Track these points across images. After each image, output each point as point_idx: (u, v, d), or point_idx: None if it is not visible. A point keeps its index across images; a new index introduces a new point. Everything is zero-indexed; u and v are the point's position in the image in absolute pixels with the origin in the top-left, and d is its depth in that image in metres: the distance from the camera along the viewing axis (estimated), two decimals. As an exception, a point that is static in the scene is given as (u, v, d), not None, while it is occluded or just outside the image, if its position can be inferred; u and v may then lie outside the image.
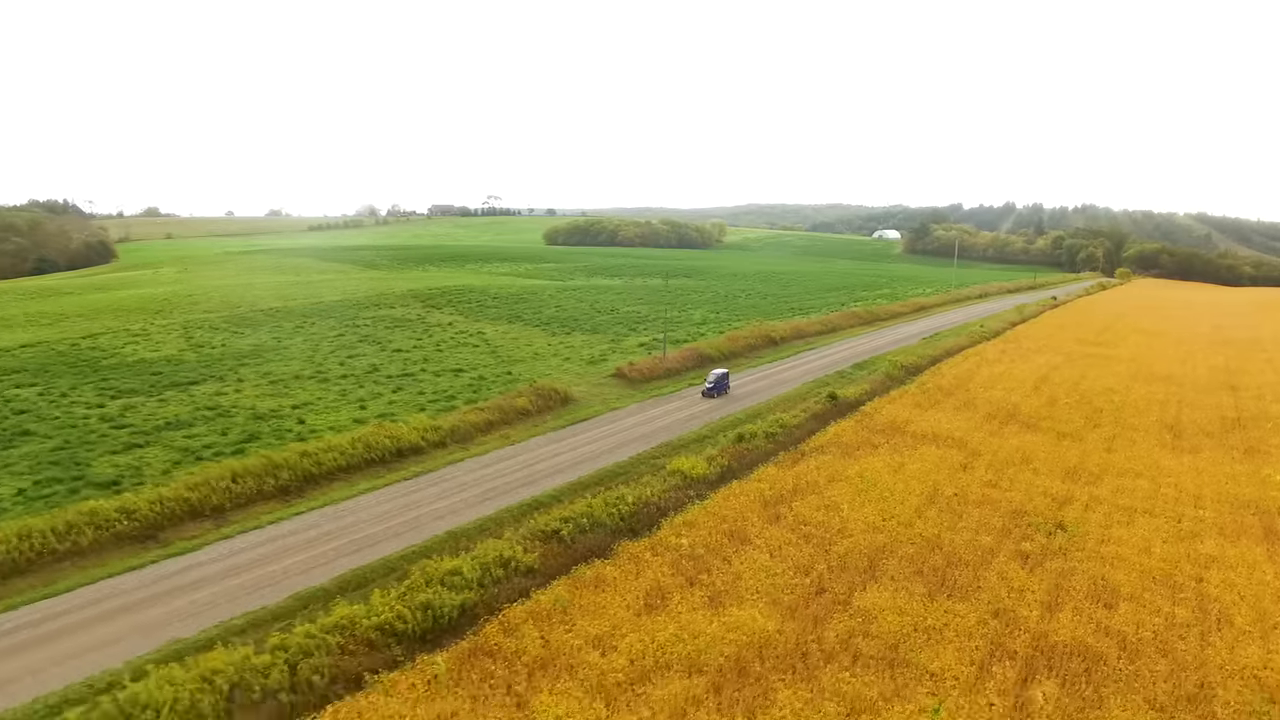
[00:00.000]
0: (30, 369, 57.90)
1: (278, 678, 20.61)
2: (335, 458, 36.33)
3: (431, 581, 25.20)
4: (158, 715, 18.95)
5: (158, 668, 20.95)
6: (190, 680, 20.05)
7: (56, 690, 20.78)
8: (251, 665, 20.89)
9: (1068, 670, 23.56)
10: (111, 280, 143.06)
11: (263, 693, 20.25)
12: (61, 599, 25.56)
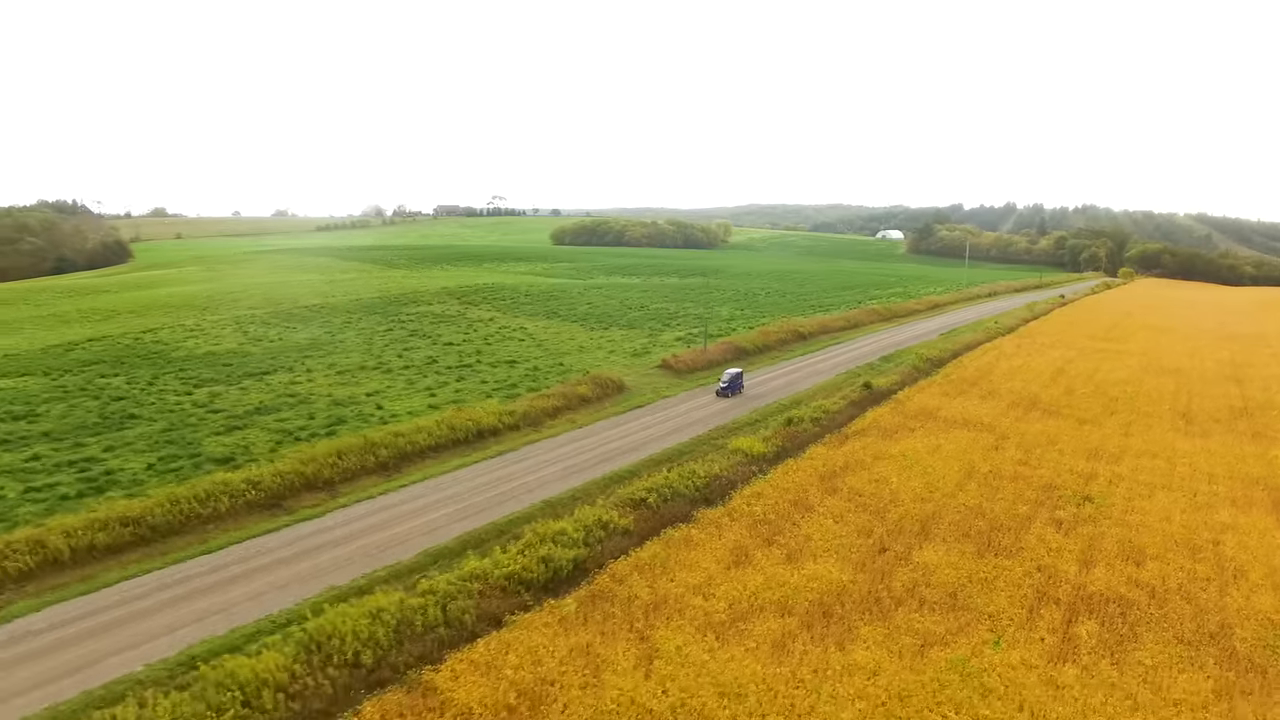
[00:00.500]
0: (107, 360, 61.40)
1: (434, 615, 24.08)
2: (424, 438, 39.83)
3: (544, 540, 28.66)
4: (343, 641, 22.40)
5: (332, 605, 24.48)
6: (362, 615, 23.51)
7: (248, 624, 24.26)
8: (409, 605, 24.37)
9: (1105, 613, 27.03)
10: (142, 279, 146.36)
11: (423, 626, 23.72)
12: (219, 555, 29.01)
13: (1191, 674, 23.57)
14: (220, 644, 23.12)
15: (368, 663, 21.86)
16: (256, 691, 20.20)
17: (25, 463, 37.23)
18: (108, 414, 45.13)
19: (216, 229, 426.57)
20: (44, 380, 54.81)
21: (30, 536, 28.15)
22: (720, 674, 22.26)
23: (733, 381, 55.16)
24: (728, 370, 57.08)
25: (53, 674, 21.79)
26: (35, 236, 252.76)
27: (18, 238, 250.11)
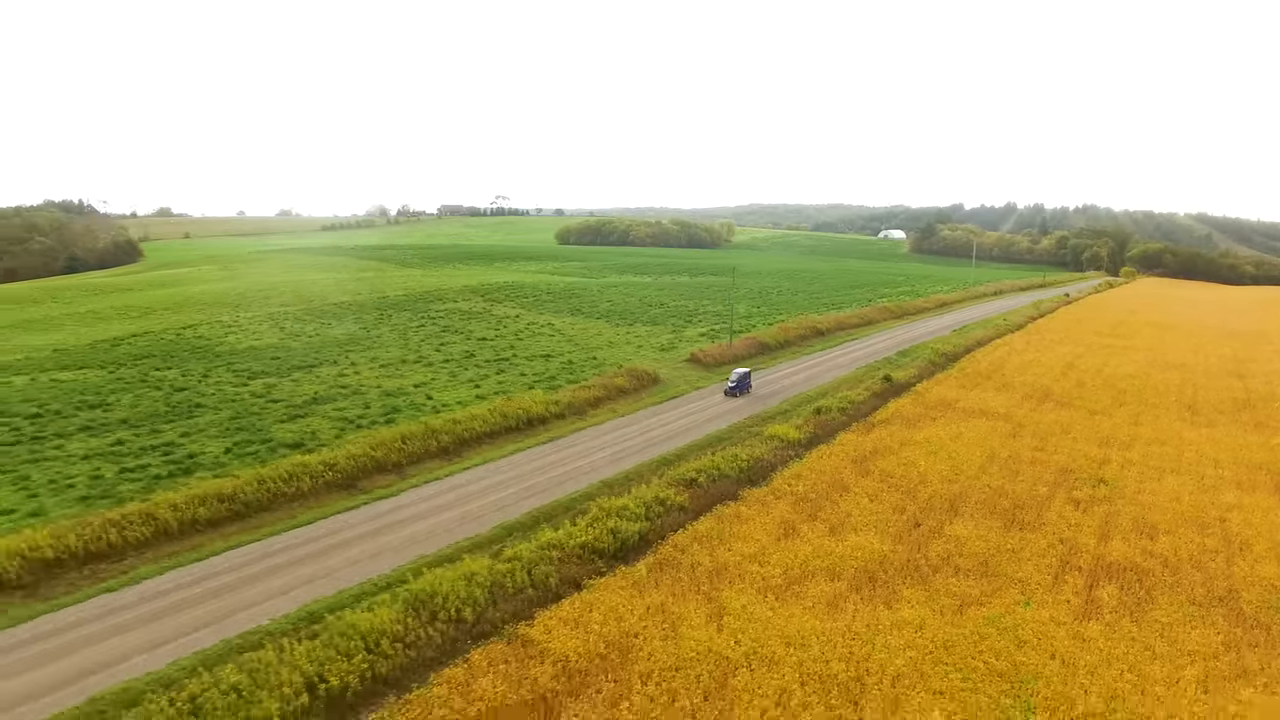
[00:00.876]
0: (157, 355, 64.00)
1: (521, 578, 26.70)
2: (480, 425, 42.48)
3: (609, 515, 31.30)
4: (445, 600, 25.01)
5: (428, 570, 27.12)
6: (458, 578, 26.13)
7: (352, 587, 26.89)
8: (498, 569, 27.02)
9: (1124, 580, 29.67)
10: (165, 277, 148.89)
11: (513, 588, 26.35)
12: (308, 529, 31.65)
13: (1203, 630, 26.21)
14: (332, 603, 25.76)
15: (469, 619, 24.49)
16: (376, 640, 22.81)
17: (111, 447, 39.87)
18: (174, 403, 47.76)
19: (223, 228, 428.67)
20: (102, 373, 57.43)
21: (141, 510, 30.78)
22: (784, 627, 24.91)
23: (740, 381, 55.27)
24: (735, 370, 57.31)
25: (190, 627, 24.42)
26: (45, 236, 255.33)
27: (27, 237, 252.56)
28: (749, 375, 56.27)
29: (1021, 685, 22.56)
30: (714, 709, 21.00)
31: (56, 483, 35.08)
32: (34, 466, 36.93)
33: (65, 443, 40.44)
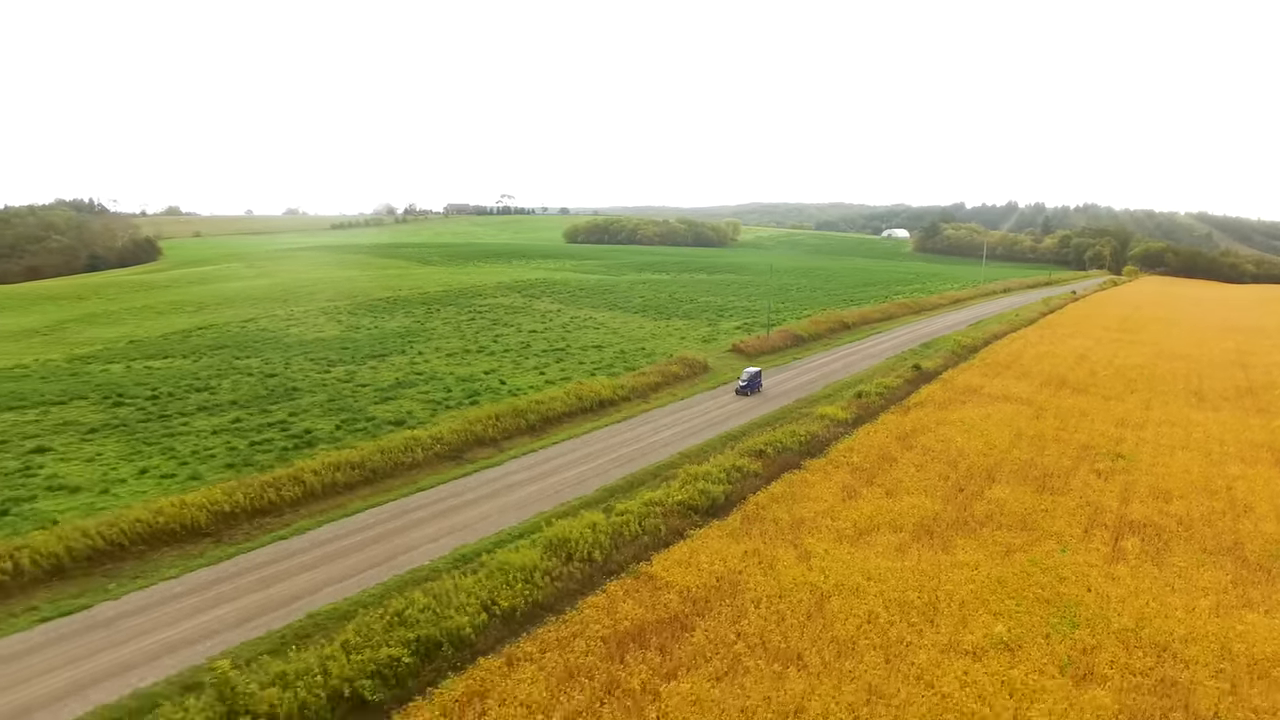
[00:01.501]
0: (231, 345, 68.54)
1: (634, 528, 31.32)
2: (559, 406, 47.12)
3: (696, 479, 35.94)
4: (576, 544, 29.59)
5: (556, 520, 31.74)
6: (583, 527, 30.73)
7: (490, 536, 31.50)
8: (613, 521, 31.63)
9: (1144, 534, 34.30)
10: (198, 274, 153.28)
11: (629, 536, 30.96)
12: (431, 492, 36.26)
13: (1213, 571, 30.85)
14: (477, 548, 30.37)
15: (599, 559, 29.09)
16: (529, 574, 27.38)
17: (232, 424, 44.47)
18: (271, 388, 52.36)
19: (233, 227, 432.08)
20: (187, 361, 61.98)
21: (289, 474, 35.39)
22: (862, 566, 29.56)
23: (751, 380, 55.90)
24: (746, 369, 57.96)
25: (363, 566, 29.02)
26: (62, 235, 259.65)
27: (45, 236, 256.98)
28: (760, 375, 57.14)
29: (1065, 609, 27.20)
30: (816, 626, 25.63)
31: (199, 453, 39.70)
32: (174, 440, 41.53)
33: (190, 420, 45.06)
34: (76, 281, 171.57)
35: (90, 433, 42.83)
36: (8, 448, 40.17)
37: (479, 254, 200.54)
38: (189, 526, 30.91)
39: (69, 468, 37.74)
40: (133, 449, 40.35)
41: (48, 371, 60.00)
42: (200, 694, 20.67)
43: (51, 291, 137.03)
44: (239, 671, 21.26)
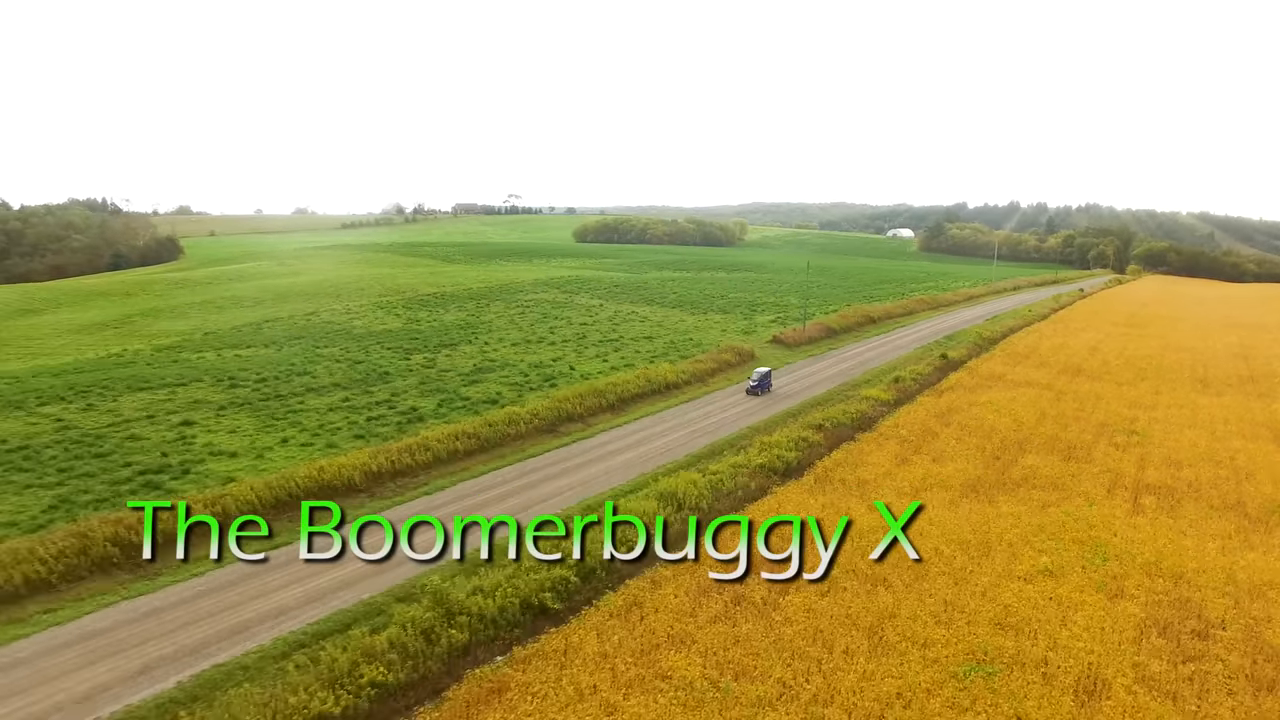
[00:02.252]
0: (305, 337, 73.99)
1: (727, 484, 36.76)
2: (631, 388, 52.62)
3: (768, 447, 41.36)
4: (683, 496, 34.99)
5: (659, 478, 37.17)
6: (686, 482, 36.13)
7: (605, 491, 36.93)
8: (707, 479, 37.03)
9: (1159, 493, 39.71)
10: (235, 272, 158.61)
11: (723, 490, 36.39)
12: (539, 459, 41.70)
13: (1219, 522, 36.27)
14: (597, 500, 35.74)
15: (704, 508, 34.48)
16: (651, 517, 32.73)
17: (342, 403, 49.92)
18: (364, 373, 57.79)
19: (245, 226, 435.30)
20: (270, 351, 67.38)
21: (417, 442, 40.81)
22: (922, 515, 34.95)
23: (761, 380, 56.98)
24: (756, 369, 59.03)
25: (509, 511, 34.41)
26: (82, 234, 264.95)
27: (65, 235, 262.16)
28: (769, 374, 58.25)
29: (1096, 548, 32.61)
30: (893, 557, 30.96)
31: (325, 426, 45.17)
32: (298, 415, 47.02)
33: (303, 399, 50.54)
34: (114, 278, 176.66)
35: (221, 410, 48.31)
36: (157, 421, 45.64)
37: (498, 253, 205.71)
38: (346, 484, 36.33)
39: (217, 438, 43.21)
40: (264, 423, 45.81)
41: (147, 359, 65.47)
42: (418, 601, 26.09)
43: (97, 288, 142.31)
44: (446, 585, 26.67)
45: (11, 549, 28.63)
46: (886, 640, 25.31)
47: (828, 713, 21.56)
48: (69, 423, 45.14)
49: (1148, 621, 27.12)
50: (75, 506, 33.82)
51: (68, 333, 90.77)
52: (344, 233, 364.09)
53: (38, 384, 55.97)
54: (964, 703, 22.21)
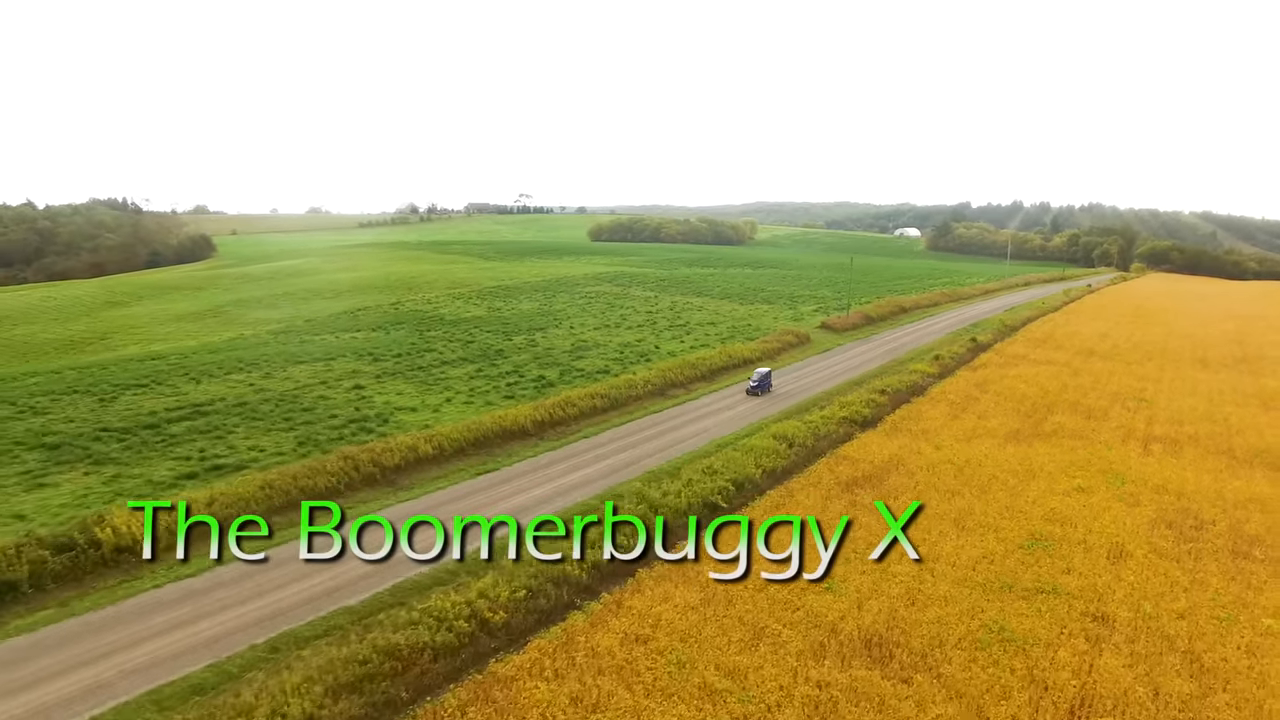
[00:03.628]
0: (405, 322, 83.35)
1: (824, 429, 46.20)
2: (717, 362, 62.24)
3: (846, 405, 50.86)
4: (793, 436, 44.35)
5: (769, 424, 46.60)
6: (792, 426, 45.56)
7: (727, 435, 46.33)
8: (808, 424, 46.46)
9: (1165, 442, 49.12)
10: (289, 269, 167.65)
11: (823, 434, 45.81)
12: (660, 414, 51.08)
13: (1213, 461, 45.69)
14: (725, 440, 45.11)
15: (809, 445, 43.93)
16: (772, 451, 42.10)
17: (478, 372, 59.33)
18: (479, 351, 67.20)
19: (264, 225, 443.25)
20: (380, 334, 76.72)
21: (561, 399, 50.26)
22: (978, 453, 44.44)
23: (762, 380, 57.58)
24: (757, 370, 59.58)
25: (654, 450, 43.80)
26: (112, 232, 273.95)
27: (97, 234, 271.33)
28: (770, 374, 58.74)
29: (1115, 476, 42.00)
30: (961, 479, 40.46)
31: (475, 391, 54.59)
32: (446, 382, 56.43)
33: (444, 370, 59.95)
34: (177, 274, 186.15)
35: (378, 378, 57.77)
36: (331, 386, 55.06)
37: (528, 250, 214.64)
38: (520, 429, 45.75)
39: (389, 398, 52.63)
40: (421, 388, 55.26)
41: (271, 341, 74.83)
42: (623, 500, 35.48)
43: (167, 283, 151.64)
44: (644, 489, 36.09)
45: (291, 470, 37.91)
46: (967, 527, 34.73)
47: (938, 566, 30.91)
48: (261, 387, 54.63)
49: (1157, 519, 36.52)
50: (316, 444, 43.20)
51: (169, 322, 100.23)
52: (363, 232, 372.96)
53: (198, 360, 65.40)
54: (1029, 561, 31.61)
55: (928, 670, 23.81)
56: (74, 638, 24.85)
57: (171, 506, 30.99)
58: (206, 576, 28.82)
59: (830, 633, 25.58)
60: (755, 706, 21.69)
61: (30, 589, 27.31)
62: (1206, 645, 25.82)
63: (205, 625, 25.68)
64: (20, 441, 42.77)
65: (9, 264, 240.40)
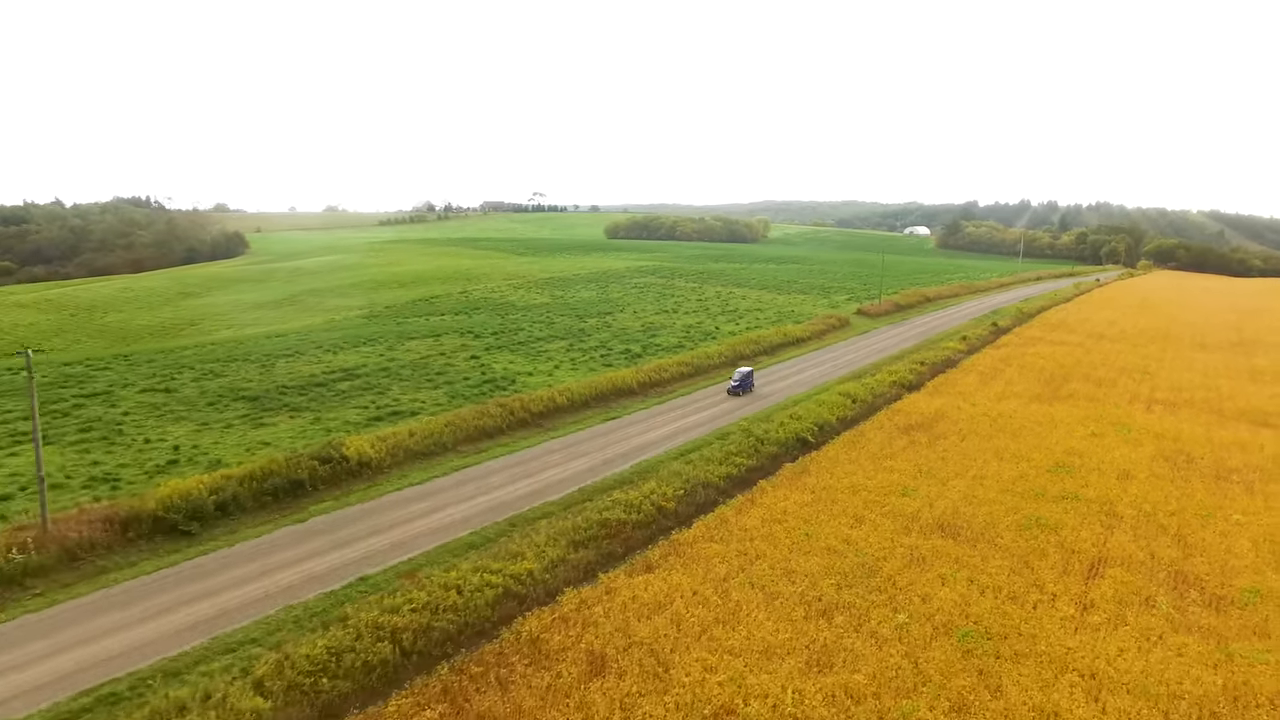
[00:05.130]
0: (482, 308, 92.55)
1: (880, 390, 55.36)
2: (774, 339, 71.50)
3: (893, 373, 60.00)
4: (855, 394, 53.51)
5: (832, 386, 55.76)
6: (856, 385, 54.68)
7: (801, 392, 55.44)
8: (863, 386, 55.58)
9: (1165, 404, 58.14)
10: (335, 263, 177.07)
11: (877, 392, 54.92)
12: (701, 394, 60.07)
13: (1205, 418, 54.70)
14: (800, 396, 54.27)
15: (869, 400, 53.07)
16: (840, 404, 51.20)
17: (571, 347, 68.45)
18: (563, 330, 76.32)
19: (286, 223, 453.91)
20: (462, 318, 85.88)
21: (656, 365, 59.51)
22: (1008, 409, 53.53)
23: (743, 380, 56.22)
24: (738, 369, 57.85)
25: (744, 403, 52.89)
26: (144, 230, 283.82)
27: (129, 231, 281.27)
28: (751, 374, 57.30)
29: (1123, 426, 51.03)
30: (997, 426, 49.54)
31: (577, 361, 63.73)
32: (548, 354, 65.58)
33: (540, 344, 69.13)
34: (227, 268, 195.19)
35: (487, 349, 67.05)
36: (450, 356, 64.28)
37: (554, 247, 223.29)
38: (628, 388, 54.99)
39: (504, 365, 61.82)
40: (529, 358, 64.47)
41: (366, 323, 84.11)
42: (729, 436, 44.62)
43: (226, 276, 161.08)
44: (750, 425, 45.26)
45: (464, 413, 46.92)
46: (1004, 457, 43.82)
47: (985, 482, 39.95)
48: (390, 356, 63.93)
49: (1156, 455, 45.54)
50: (463, 398, 52.31)
51: (249, 310, 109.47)
52: (385, 229, 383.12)
53: (314, 338, 74.62)
54: (1055, 480, 40.65)
55: (986, 541, 32.93)
56: (365, 515, 34.20)
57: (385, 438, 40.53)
58: (431, 484, 38.12)
59: (912, 519, 34.72)
60: (867, 558, 30.81)
61: (309, 488, 36.62)
62: (1190, 531, 34.90)
63: (452, 510, 34.96)
64: (221, 396, 52.26)
65: (47, 260, 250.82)
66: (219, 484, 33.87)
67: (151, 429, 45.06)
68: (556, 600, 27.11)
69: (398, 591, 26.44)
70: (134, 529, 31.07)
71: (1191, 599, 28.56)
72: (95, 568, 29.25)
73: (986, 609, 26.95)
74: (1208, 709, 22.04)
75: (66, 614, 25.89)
